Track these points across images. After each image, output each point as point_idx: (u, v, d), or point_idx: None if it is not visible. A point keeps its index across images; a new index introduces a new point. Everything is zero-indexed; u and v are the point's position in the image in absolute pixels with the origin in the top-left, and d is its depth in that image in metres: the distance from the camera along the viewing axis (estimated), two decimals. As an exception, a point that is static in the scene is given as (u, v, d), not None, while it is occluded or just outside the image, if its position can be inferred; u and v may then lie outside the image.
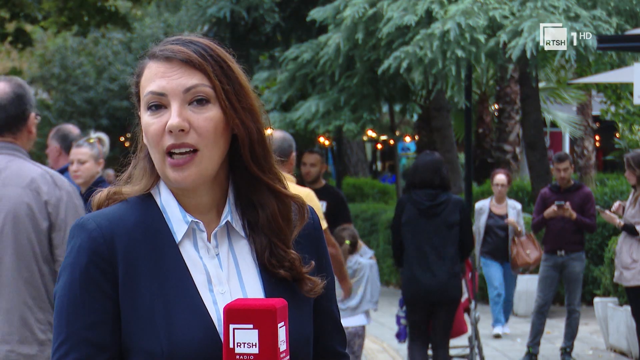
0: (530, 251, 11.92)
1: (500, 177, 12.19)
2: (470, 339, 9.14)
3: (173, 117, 2.06)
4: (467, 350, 9.17)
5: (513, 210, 12.13)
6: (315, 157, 8.44)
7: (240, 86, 2.12)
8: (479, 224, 12.16)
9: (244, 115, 2.11)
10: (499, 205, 12.24)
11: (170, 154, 2.07)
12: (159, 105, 2.08)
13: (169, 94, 2.07)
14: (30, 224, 4.17)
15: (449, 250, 7.92)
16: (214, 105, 2.09)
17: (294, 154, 6.49)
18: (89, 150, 6.49)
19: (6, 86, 4.29)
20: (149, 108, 2.09)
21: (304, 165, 8.49)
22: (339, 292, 7.39)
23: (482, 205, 12.37)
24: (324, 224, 6.53)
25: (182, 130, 2.05)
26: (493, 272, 12.23)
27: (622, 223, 9.35)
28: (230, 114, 2.09)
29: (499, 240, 12.14)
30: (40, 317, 4.18)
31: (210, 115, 2.08)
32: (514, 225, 11.95)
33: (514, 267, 12.12)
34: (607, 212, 9.70)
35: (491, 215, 12.19)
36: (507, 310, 12.52)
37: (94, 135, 6.75)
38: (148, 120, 2.09)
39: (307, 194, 6.03)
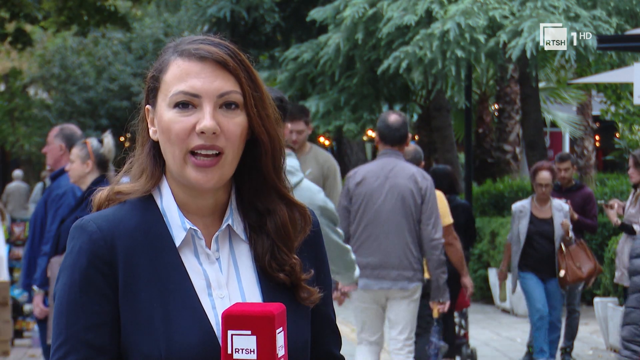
0: (581, 263, 9.75)
1: (544, 175, 9.65)
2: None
3: (207, 119, 2.05)
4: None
5: (559, 212, 9.70)
6: None
7: (263, 93, 2.13)
8: (518, 230, 9.76)
9: (268, 123, 2.11)
10: (542, 207, 9.78)
11: (194, 153, 2.06)
12: (187, 104, 2.08)
13: (203, 95, 2.07)
14: (412, 200, 6.97)
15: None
16: (242, 111, 2.09)
17: (422, 163, 8.27)
18: (77, 150, 6.58)
19: (398, 116, 7.08)
20: (177, 106, 2.08)
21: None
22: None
23: (522, 207, 9.84)
24: (449, 220, 8.16)
25: (214, 133, 2.05)
26: (534, 289, 9.82)
27: (619, 222, 9.34)
28: (256, 121, 2.09)
29: (543, 251, 9.74)
30: (415, 254, 7.01)
31: (238, 121, 2.08)
32: (566, 228, 9.61)
33: (563, 284, 9.81)
34: (610, 210, 9.60)
35: (533, 220, 9.74)
36: (554, 339, 9.96)
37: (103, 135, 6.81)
38: (173, 117, 2.07)
39: (440, 196, 7.94)
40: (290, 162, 4.97)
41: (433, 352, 8.56)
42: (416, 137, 23.25)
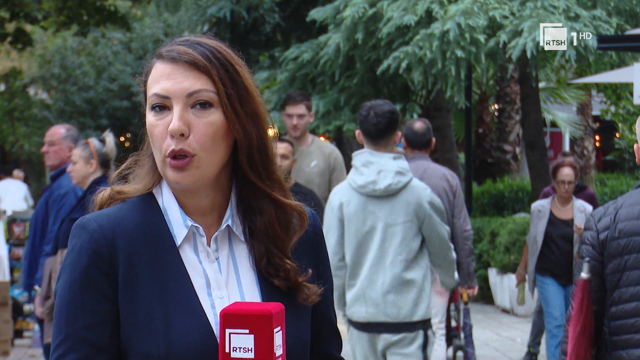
0: None
1: (567, 172, 9.08)
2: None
3: (174, 121, 2.06)
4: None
5: (581, 213, 9.09)
6: (285, 146, 7.10)
7: (246, 90, 2.11)
8: (536, 231, 9.21)
9: (246, 121, 2.10)
10: (563, 207, 9.20)
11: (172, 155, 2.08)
12: (162, 106, 2.09)
13: (172, 97, 2.08)
14: (446, 198, 7.41)
15: None
16: (217, 110, 2.08)
17: None
18: (79, 151, 6.57)
19: (423, 123, 7.75)
20: (153, 109, 2.10)
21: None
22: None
23: (541, 206, 9.25)
24: None
25: (182, 134, 2.06)
26: (553, 296, 9.20)
27: None
28: (231, 118, 2.08)
29: (563, 254, 9.15)
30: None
31: (211, 120, 2.07)
32: (581, 233, 9.01)
33: None
34: None
35: (553, 220, 9.15)
36: None
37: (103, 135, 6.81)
38: (152, 121, 2.10)
39: None
40: (400, 163, 5.56)
41: (468, 332, 8.96)
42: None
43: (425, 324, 5.60)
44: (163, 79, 2.09)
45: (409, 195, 5.55)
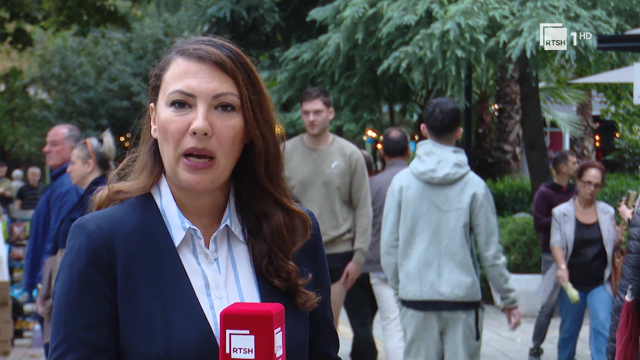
0: None
1: (594, 173, 8.67)
2: None
3: (200, 119, 2.05)
4: None
5: (605, 215, 8.73)
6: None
7: (263, 97, 2.13)
8: (565, 235, 8.76)
9: (264, 127, 2.11)
10: (586, 210, 8.80)
11: (186, 155, 2.06)
12: (183, 103, 2.08)
13: (198, 96, 2.07)
14: None
15: None
16: (238, 114, 2.09)
17: (373, 168, 8.85)
18: (78, 151, 6.58)
19: (398, 131, 8.07)
20: (173, 104, 2.08)
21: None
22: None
23: (566, 210, 8.79)
24: None
25: (206, 134, 2.05)
26: (571, 307, 8.94)
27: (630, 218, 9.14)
28: (252, 124, 2.09)
29: (587, 259, 8.74)
30: None
31: (233, 123, 2.08)
32: (620, 239, 8.62)
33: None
34: (623, 205, 8.99)
35: (577, 224, 8.75)
36: (599, 346, 8.59)
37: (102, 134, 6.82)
38: (169, 116, 2.08)
39: None
40: (459, 157, 6.04)
41: None
42: (416, 137, 23.27)
43: (476, 304, 6.08)
44: (188, 76, 2.08)
45: (465, 186, 6.02)
